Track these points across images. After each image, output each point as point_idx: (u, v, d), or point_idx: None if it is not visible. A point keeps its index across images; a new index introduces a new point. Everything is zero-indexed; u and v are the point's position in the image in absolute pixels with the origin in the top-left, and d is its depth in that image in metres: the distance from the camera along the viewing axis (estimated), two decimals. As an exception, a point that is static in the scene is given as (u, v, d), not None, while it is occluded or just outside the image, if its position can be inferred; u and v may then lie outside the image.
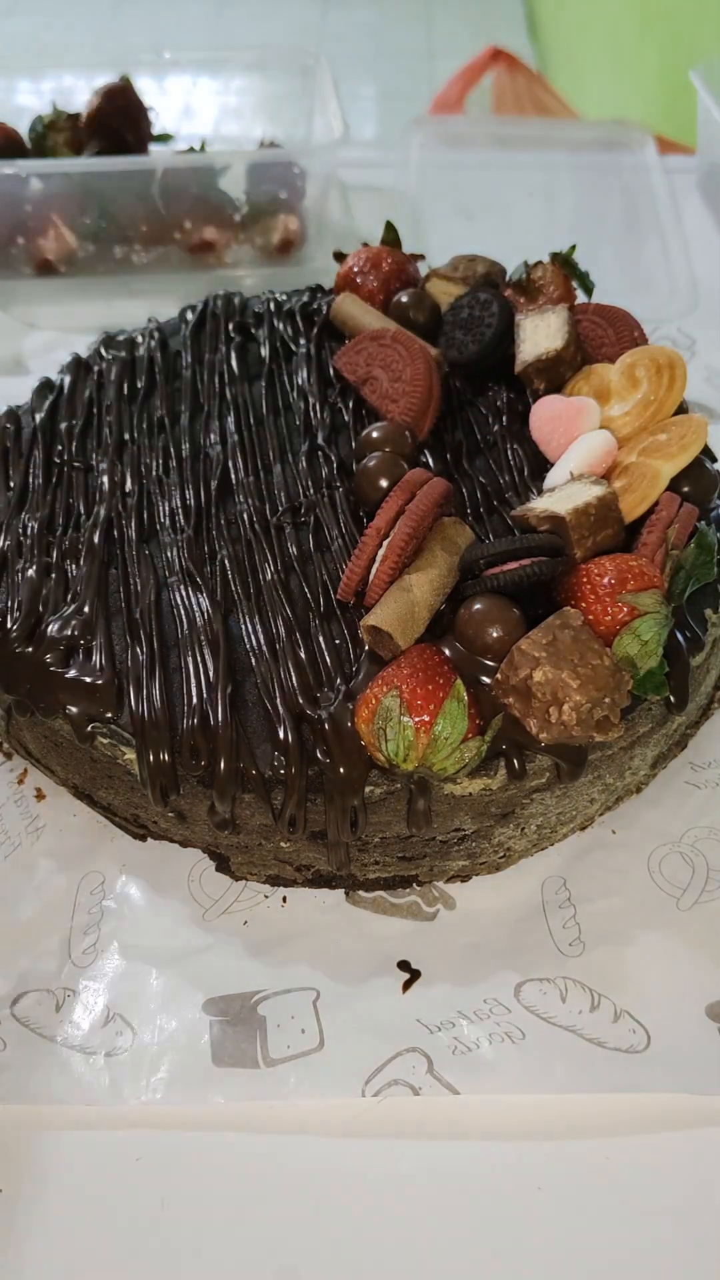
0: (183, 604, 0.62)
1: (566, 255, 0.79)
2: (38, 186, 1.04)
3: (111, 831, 0.64)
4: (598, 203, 1.19)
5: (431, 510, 0.60)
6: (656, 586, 0.56)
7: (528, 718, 0.54)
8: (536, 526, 0.61)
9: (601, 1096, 0.53)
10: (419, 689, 0.53)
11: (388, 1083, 0.53)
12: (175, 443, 0.73)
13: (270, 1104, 0.53)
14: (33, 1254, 0.49)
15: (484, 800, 0.56)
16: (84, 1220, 0.50)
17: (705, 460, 0.66)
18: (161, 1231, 0.50)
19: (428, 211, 1.14)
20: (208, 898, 0.61)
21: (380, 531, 0.59)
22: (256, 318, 0.83)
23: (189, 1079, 0.54)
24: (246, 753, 0.55)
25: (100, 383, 0.79)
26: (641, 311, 0.76)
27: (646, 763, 0.63)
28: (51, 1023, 0.56)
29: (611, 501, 0.60)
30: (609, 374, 0.70)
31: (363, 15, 3.22)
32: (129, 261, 1.08)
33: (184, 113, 1.27)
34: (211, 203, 1.05)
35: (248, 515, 0.67)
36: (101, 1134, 0.53)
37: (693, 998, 0.56)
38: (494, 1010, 0.56)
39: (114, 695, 0.58)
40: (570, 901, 0.60)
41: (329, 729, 0.55)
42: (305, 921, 0.60)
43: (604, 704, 0.53)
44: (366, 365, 0.74)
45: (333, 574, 0.63)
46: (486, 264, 0.81)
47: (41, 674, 0.60)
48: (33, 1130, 0.53)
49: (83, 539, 0.67)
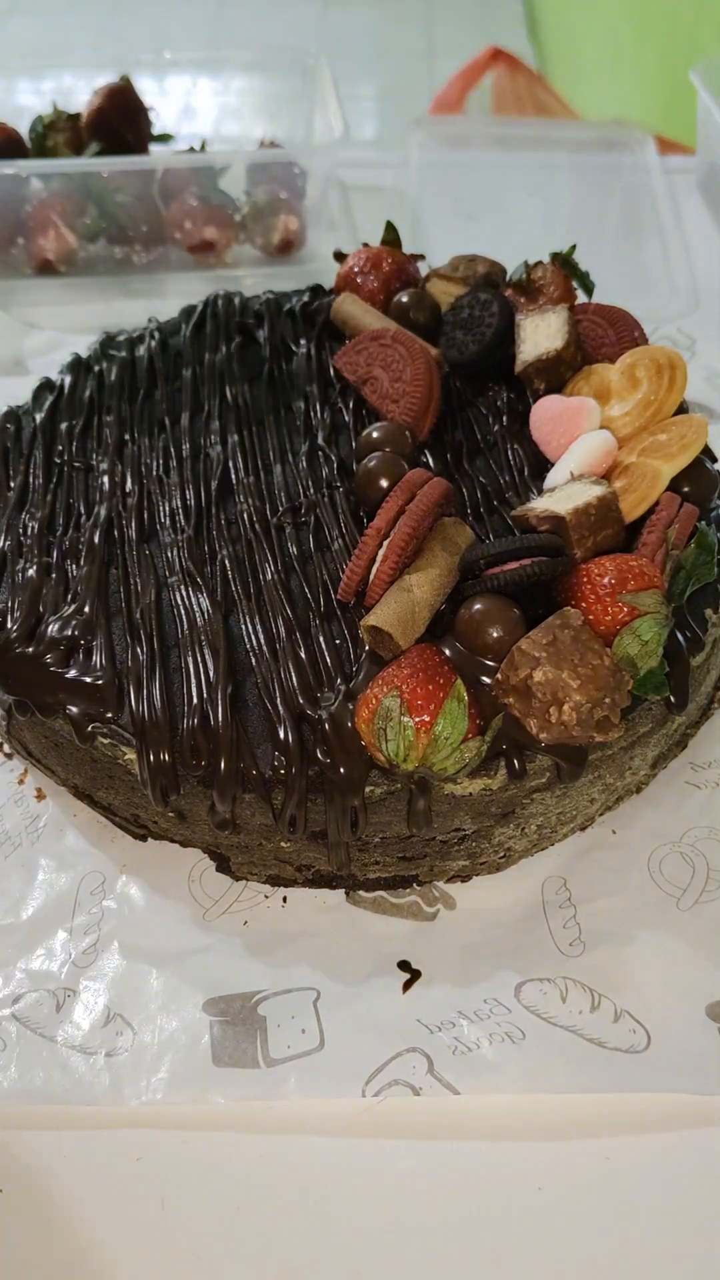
0: (183, 604, 0.62)
1: (567, 255, 0.79)
2: (38, 186, 1.04)
3: (111, 831, 0.64)
4: (598, 203, 1.19)
5: (432, 510, 0.60)
6: (657, 586, 0.56)
7: (528, 718, 0.54)
8: (536, 526, 0.61)
9: (601, 1096, 0.53)
10: (419, 689, 0.53)
11: (388, 1083, 0.53)
12: (175, 443, 0.73)
13: (270, 1104, 0.53)
14: (33, 1254, 0.49)
15: (484, 800, 0.56)
16: (84, 1220, 0.50)
17: (705, 460, 0.66)
18: (161, 1231, 0.50)
19: (428, 211, 1.14)
20: (208, 898, 0.61)
21: (380, 532, 0.59)
22: (256, 318, 0.83)
23: (189, 1079, 0.54)
24: (247, 753, 0.55)
25: (100, 383, 0.79)
26: (641, 311, 0.76)
27: (646, 763, 0.63)
28: (51, 1023, 0.56)
29: (611, 501, 0.60)
30: (609, 374, 0.70)
31: (363, 15, 3.22)
32: (129, 261, 1.08)
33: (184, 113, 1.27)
34: (211, 203, 1.05)
35: (248, 515, 0.67)
36: (101, 1134, 0.53)
37: (693, 998, 0.56)
38: (494, 1010, 0.56)
39: (114, 695, 0.58)
40: (570, 901, 0.60)
41: (329, 729, 0.55)
42: (305, 921, 0.60)
43: (604, 704, 0.53)
44: (367, 365, 0.74)
45: (333, 574, 0.63)
46: (486, 264, 0.81)
47: (41, 674, 0.60)
48: (33, 1130, 0.53)
49: (83, 539, 0.67)
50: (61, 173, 1.03)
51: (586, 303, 0.77)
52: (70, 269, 1.06)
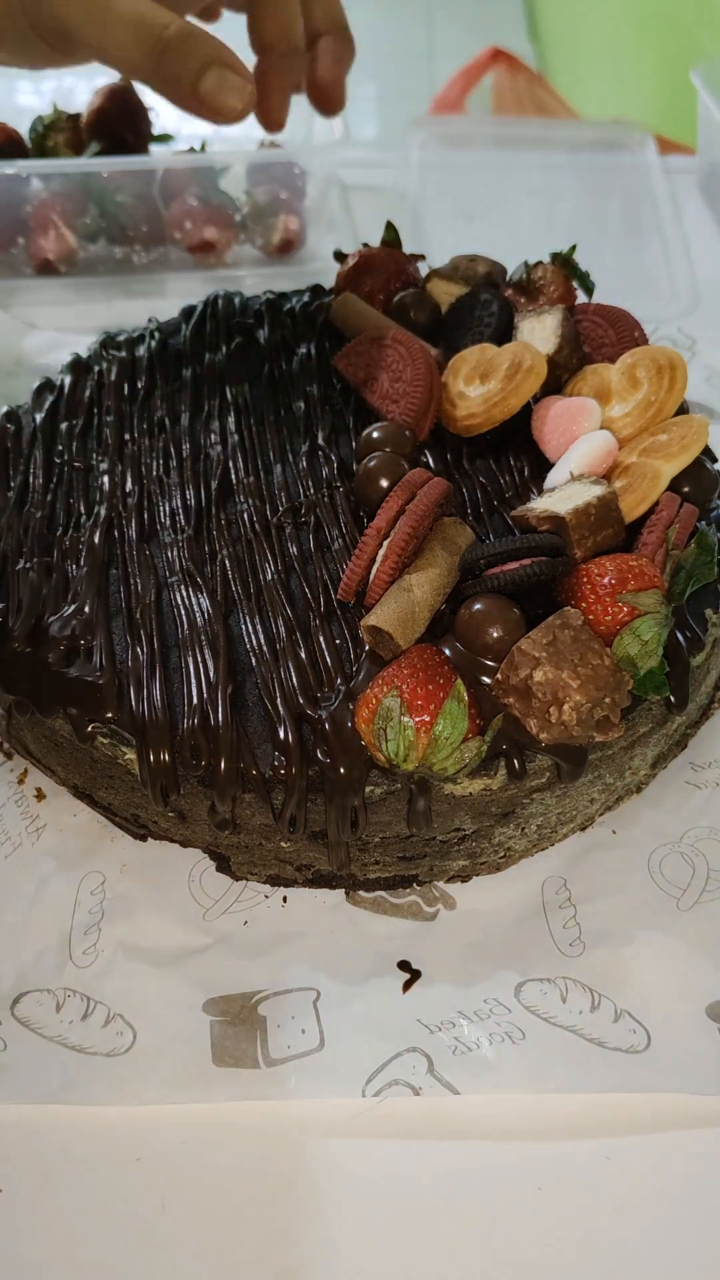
0: (183, 604, 0.62)
1: (567, 255, 0.79)
2: (38, 186, 1.04)
3: (111, 831, 0.64)
4: (598, 203, 1.19)
5: (431, 510, 0.60)
6: (657, 586, 0.56)
7: (528, 718, 0.54)
8: (537, 527, 0.61)
9: (601, 1096, 0.53)
10: (419, 689, 0.53)
11: (388, 1083, 0.53)
12: (175, 443, 0.73)
13: (270, 1104, 0.53)
14: (33, 1254, 0.49)
15: (484, 800, 0.56)
16: (84, 1220, 0.50)
17: (706, 460, 0.66)
18: (161, 1232, 0.50)
19: (428, 211, 1.14)
20: (208, 898, 0.61)
21: (380, 531, 0.59)
22: (256, 318, 0.83)
23: (189, 1079, 0.54)
24: (247, 753, 0.55)
25: (100, 383, 0.79)
26: (642, 311, 0.76)
27: (646, 763, 0.63)
28: (51, 1023, 0.56)
29: (612, 501, 0.60)
30: (609, 374, 0.70)
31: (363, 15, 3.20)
32: (129, 261, 1.08)
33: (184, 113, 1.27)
34: (211, 203, 1.05)
35: (248, 515, 0.67)
36: (101, 1134, 0.53)
37: (693, 998, 0.56)
38: (494, 1010, 0.56)
39: (114, 695, 0.58)
40: (570, 901, 0.60)
41: (329, 729, 0.55)
42: (305, 921, 0.60)
43: (604, 704, 0.53)
44: (367, 365, 0.74)
45: (333, 574, 0.63)
46: (487, 264, 0.81)
47: (42, 674, 0.60)
48: (33, 1130, 0.53)
49: (83, 539, 0.67)
50: (61, 173, 1.03)
51: (587, 303, 0.77)
52: (70, 269, 1.06)
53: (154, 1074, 0.54)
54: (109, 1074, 0.54)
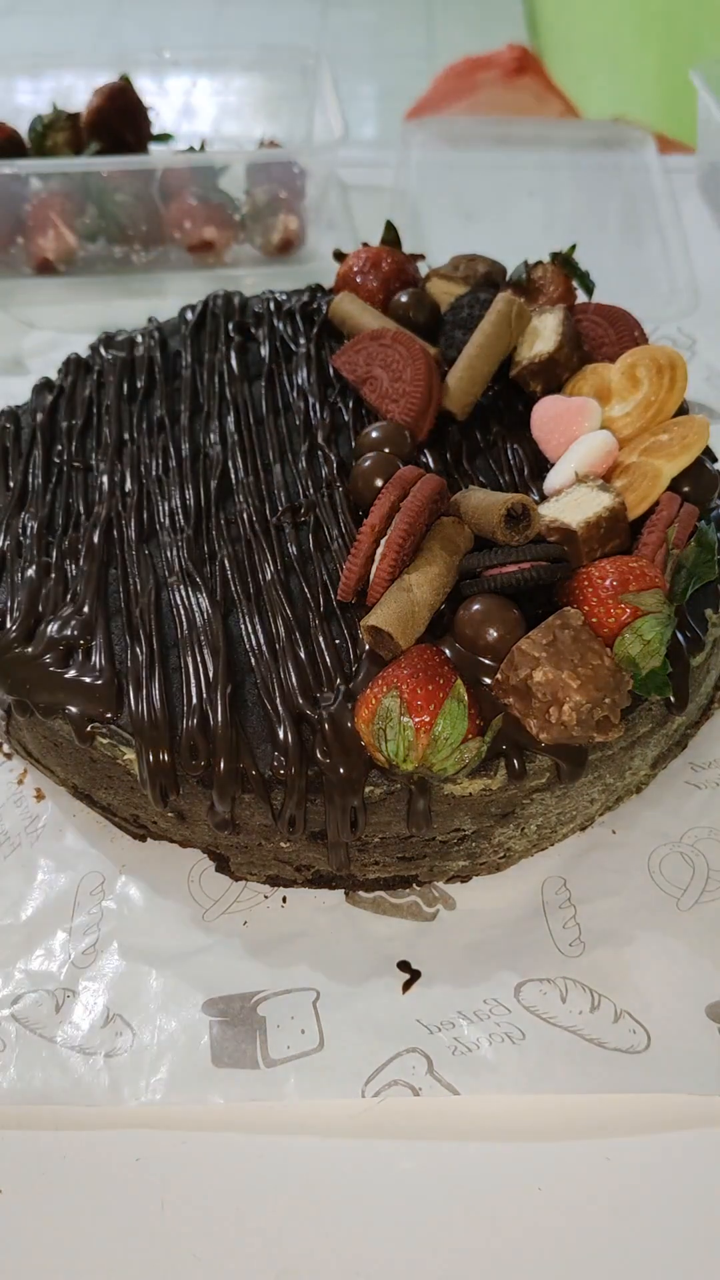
0: (182, 604, 0.62)
1: (567, 255, 0.79)
2: (37, 186, 1.04)
3: (111, 831, 0.64)
4: (598, 203, 1.19)
5: (426, 505, 0.60)
6: (658, 586, 0.56)
7: (528, 718, 0.54)
8: (546, 536, 0.60)
9: (601, 1096, 0.53)
10: (419, 689, 0.53)
11: (388, 1083, 0.53)
12: (175, 443, 0.73)
13: (270, 1104, 0.53)
14: (33, 1254, 0.49)
15: (484, 800, 0.56)
16: (84, 1220, 0.50)
17: (706, 460, 0.66)
18: (161, 1232, 0.50)
19: (428, 211, 1.14)
20: (208, 898, 0.61)
21: (375, 529, 0.59)
22: (256, 318, 0.83)
23: (189, 1079, 0.54)
24: (246, 753, 0.55)
25: (100, 383, 0.79)
26: (641, 311, 0.76)
27: (646, 763, 0.63)
28: (51, 1023, 0.56)
29: (621, 513, 0.60)
30: (610, 374, 0.69)
31: (363, 15, 3.22)
32: (129, 261, 1.08)
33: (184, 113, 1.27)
34: (211, 202, 1.05)
35: (247, 515, 0.67)
36: (101, 1134, 0.53)
37: (693, 998, 0.56)
38: (494, 1010, 0.56)
39: (114, 695, 0.58)
40: (570, 901, 0.60)
41: (329, 729, 0.55)
42: (305, 921, 0.60)
43: (604, 704, 0.53)
44: (366, 365, 0.73)
45: (332, 574, 0.63)
46: (486, 264, 0.81)
47: (41, 674, 0.60)
48: (33, 1130, 0.53)
49: (82, 539, 0.67)
50: (61, 172, 1.03)
51: (587, 302, 0.77)
52: (70, 268, 1.06)
53: (154, 1074, 0.54)
54: (109, 1074, 0.54)
